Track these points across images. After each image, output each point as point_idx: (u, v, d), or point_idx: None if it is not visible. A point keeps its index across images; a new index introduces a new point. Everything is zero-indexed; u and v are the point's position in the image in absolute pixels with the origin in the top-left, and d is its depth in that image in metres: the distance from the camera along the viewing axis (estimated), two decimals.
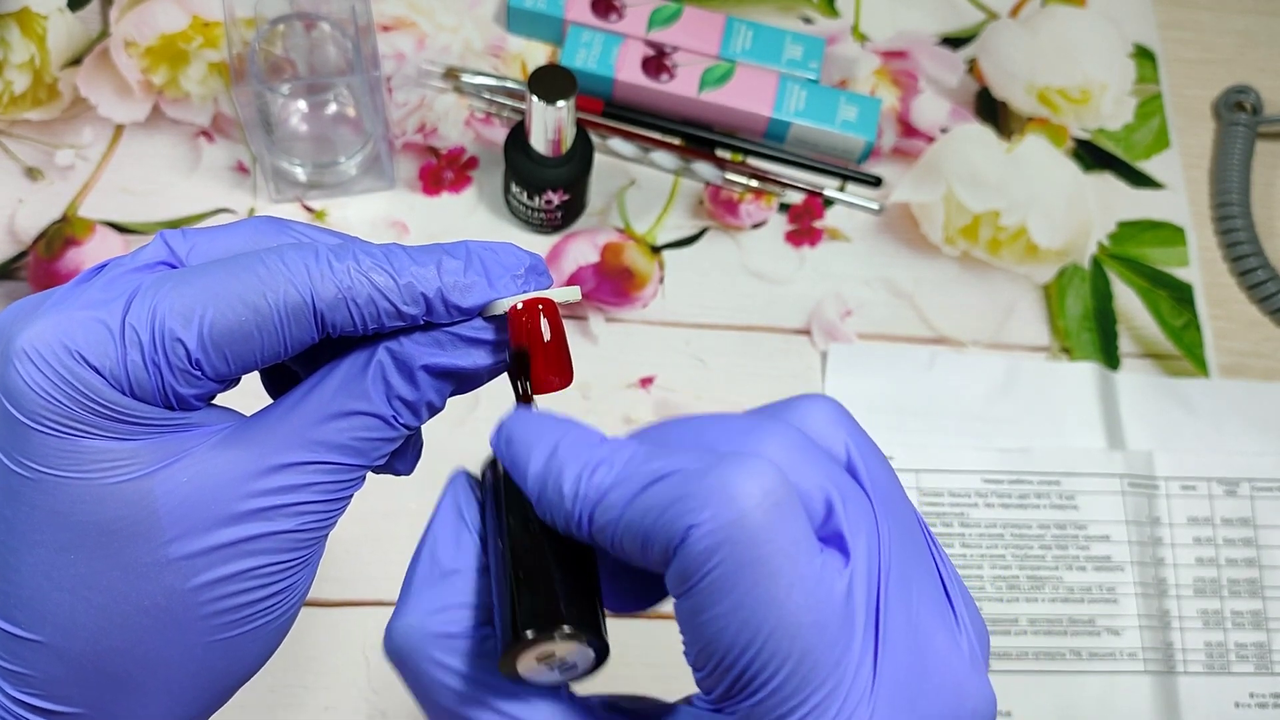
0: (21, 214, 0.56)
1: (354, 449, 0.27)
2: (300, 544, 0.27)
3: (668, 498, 0.23)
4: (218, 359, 0.25)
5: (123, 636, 0.25)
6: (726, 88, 0.60)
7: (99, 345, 0.24)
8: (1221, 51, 0.67)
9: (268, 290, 0.25)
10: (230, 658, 0.27)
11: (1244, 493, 0.55)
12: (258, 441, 0.26)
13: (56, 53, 0.60)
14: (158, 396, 0.25)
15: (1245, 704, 0.51)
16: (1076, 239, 0.61)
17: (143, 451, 0.25)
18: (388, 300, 0.26)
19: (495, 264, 0.27)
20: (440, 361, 0.27)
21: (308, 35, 0.55)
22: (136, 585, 0.25)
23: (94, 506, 0.25)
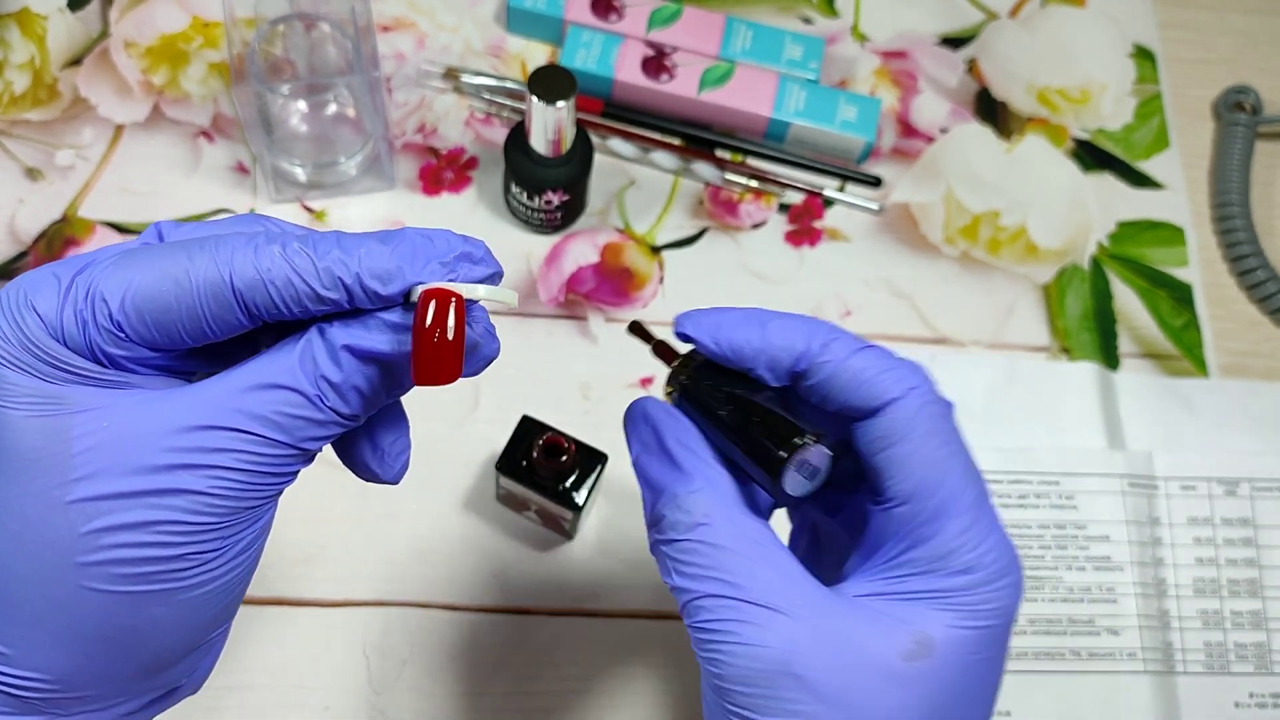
0: (22, 214, 0.56)
1: (275, 423, 0.27)
2: (211, 509, 0.27)
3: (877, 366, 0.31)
4: (138, 323, 0.27)
5: (28, 565, 0.27)
6: (726, 88, 0.60)
7: (46, 295, 0.27)
8: (1221, 51, 0.67)
9: (191, 268, 0.27)
10: (138, 616, 0.28)
11: (1244, 493, 0.55)
12: (181, 403, 0.27)
13: (56, 53, 0.60)
14: (85, 349, 0.27)
15: (1245, 704, 0.51)
16: (1076, 239, 0.61)
17: (69, 395, 0.27)
18: (305, 283, 0.27)
19: (426, 251, 0.28)
20: (360, 343, 0.28)
21: (308, 35, 0.55)
22: (44, 515, 0.27)
23: (17, 434, 0.27)
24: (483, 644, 0.49)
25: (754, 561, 0.29)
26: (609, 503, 0.52)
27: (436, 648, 0.49)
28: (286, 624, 0.49)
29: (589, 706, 0.49)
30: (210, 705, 0.47)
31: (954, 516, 0.30)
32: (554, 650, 0.50)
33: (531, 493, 0.48)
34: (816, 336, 0.31)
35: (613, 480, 0.52)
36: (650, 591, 0.51)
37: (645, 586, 0.51)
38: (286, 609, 0.49)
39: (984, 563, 0.30)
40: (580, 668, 0.49)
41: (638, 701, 0.49)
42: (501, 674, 0.49)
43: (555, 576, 0.51)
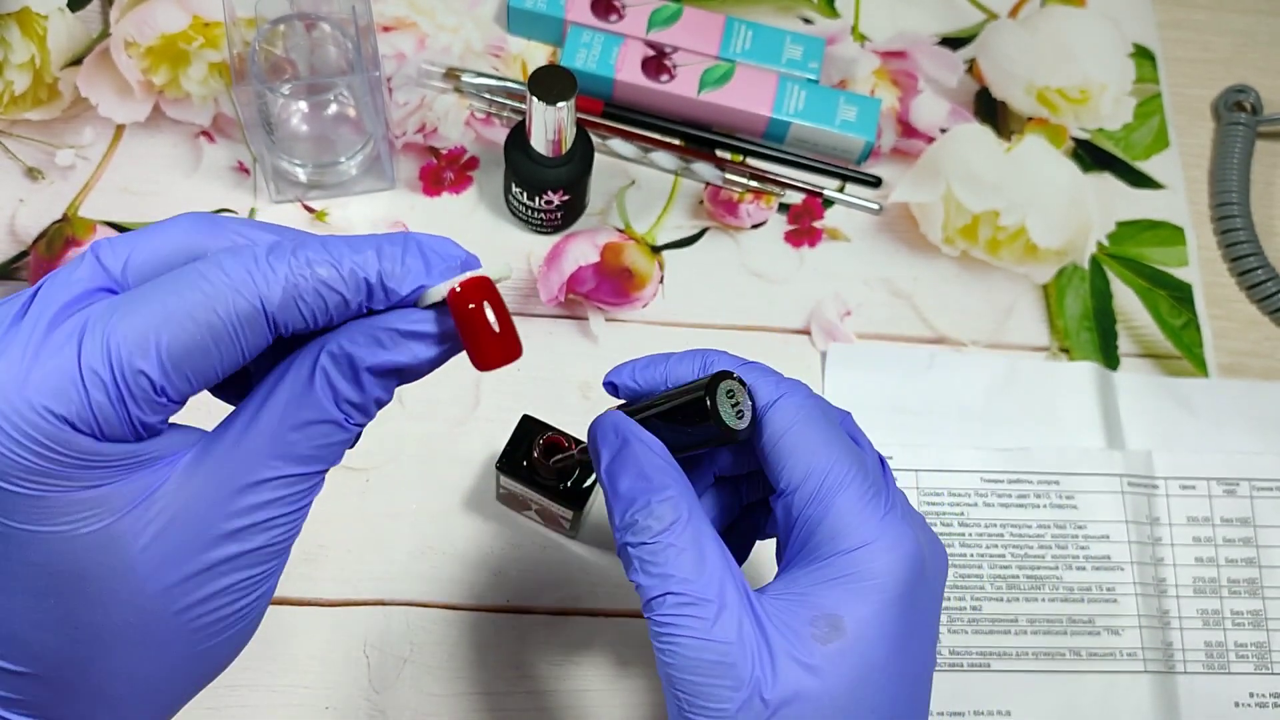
0: (22, 214, 0.56)
1: (314, 457, 0.28)
2: (269, 557, 0.28)
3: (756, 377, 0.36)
4: (180, 381, 0.25)
5: (108, 660, 0.27)
6: (726, 88, 0.60)
7: (63, 394, 0.24)
8: (1221, 51, 0.67)
9: (217, 304, 0.25)
10: (206, 663, 0.29)
11: (1243, 492, 0.55)
12: (222, 466, 0.27)
13: (57, 53, 0.60)
14: (127, 430, 0.25)
15: (1245, 704, 0.51)
16: (1076, 239, 0.61)
17: (111, 497, 0.25)
18: (335, 291, 0.27)
19: (432, 253, 0.28)
20: (383, 360, 0.28)
21: (308, 35, 0.55)
22: (116, 618, 0.26)
23: (67, 557, 0.25)
24: (483, 644, 0.49)
25: (707, 565, 0.32)
26: None
27: (436, 648, 0.49)
28: (286, 624, 0.49)
29: (589, 706, 0.49)
30: (210, 705, 0.47)
31: (839, 496, 0.33)
32: (554, 650, 0.50)
33: (532, 492, 0.48)
34: (706, 359, 0.36)
35: None
36: None
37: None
38: (286, 609, 0.49)
39: (875, 535, 0.32)
40: (580, 668, 0.49)
41: (638, 701, 0.49)
42: (501, 674, 0.49)
43: (556, 576, 0.51)
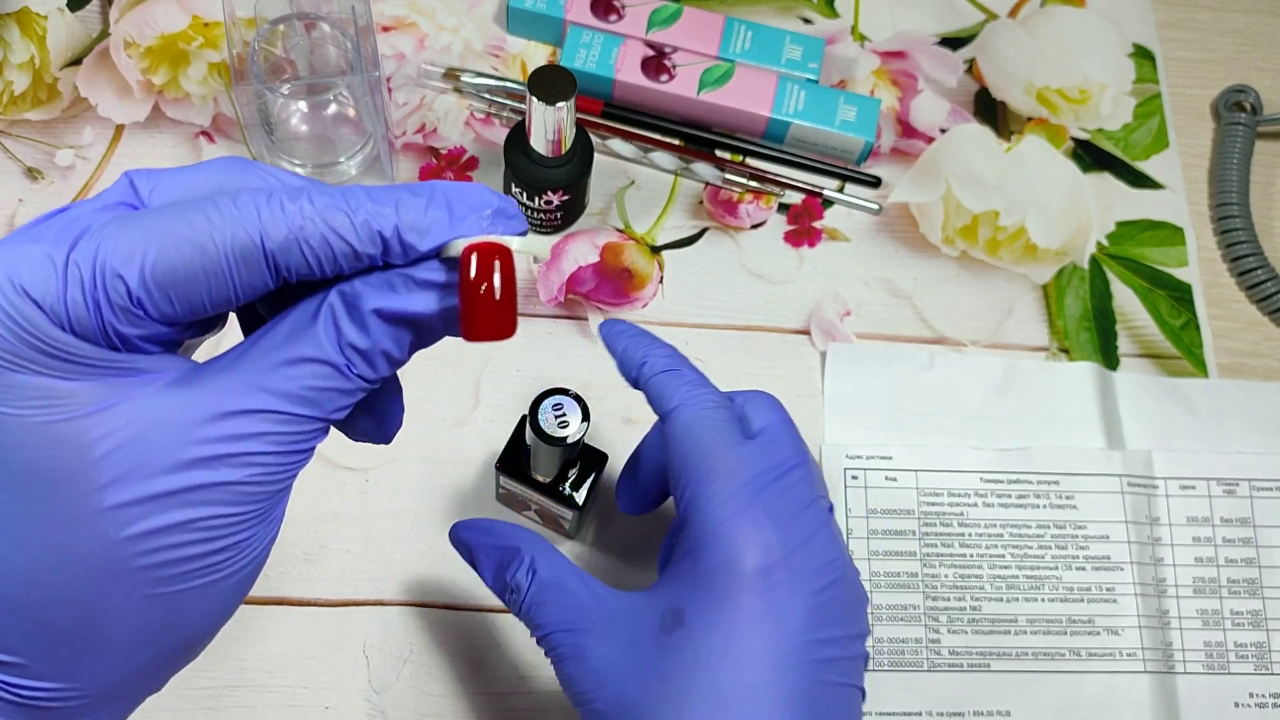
0: (22, 214, 0.56)
1: (305, 399, 0.26)
2: (249, 498, 0.26)
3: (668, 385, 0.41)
4: (160, 298, 0.24)
5: (57, 584, 0.25)
6: (726, 88, 0.60)
7: (41, 279, 0.24)
8: (1221, 51, 0.67)
9: (215, 231, 0.24)
10: (175, 613, 0.26)
11: (1243, 493, 0.55)
12: (204, 387, 0.25)
13: (56, 53, 0.60)
14: (99, 334, 0.24)
15: (1245, 704, 0.51)
16: (1075, 239, 0.61)
17: (81, 392, 0.24)
18: (343, 240, 0.25)
19: (460, 204, 0.26)
20: (391, 305, 0.26)
21: (308, 35, 0.55)
22: (71, 531, 0.24)
23: (26, 446, 0.24)
24: (483, 644, 0.49)
25: (570, 597, 0.37)
26: (609, 502, 0.52)
27: (436, 648, 0.49)
28: (286, 624, 0.49)
29: None
30: (210, 705, 0.47)
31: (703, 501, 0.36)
32: None
33: (531, 492, 0.48)
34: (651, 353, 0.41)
35: (612, 479, 0.52)
36: None
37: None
38: (287, 609, 0.49)
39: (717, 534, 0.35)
40: None
41: None
42: (501, 674, 0.49)
43: None
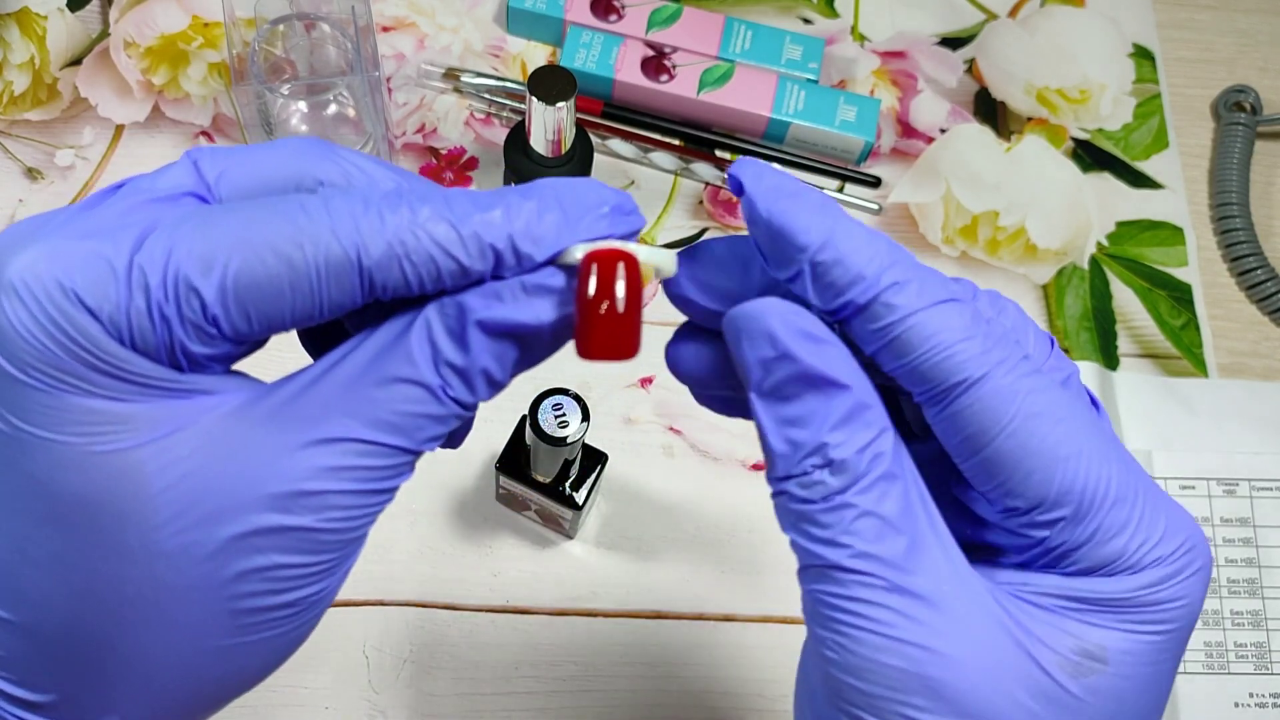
0: (21, 214, 0.56)
1: (394, 425, 0.22)
2: (322, 546, 0.22)
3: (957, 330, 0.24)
4: (238, 316, 0.21)
5: (102, 626, 0.22)
6: (726, 88, 0.60)
7: (99, 284, 0.20)
8: (1221, 51, 0.67)
9: (306, 241, 0.21)
10: (224, 665, 0.23)
11: (1243, 492, 0.55)
12: (280, 414, 0.22)
13: (56, 53, 0.60)
14: (163, 353, 0.21)
15: (1245, 704, 0.51)
16: (1075, 239, 0.61)
17: (138, 416, 0.21)
18: (450, 256, 0.22)
19: (574, 203, 0.23)
20: (496, 315, 0.22)
21: (308, 35, 0.55)
22: (121, 571, 0.21)
23: (76, 476, 0.21)
24: (483, 644, 0.49)
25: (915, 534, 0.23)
26: (609, 503, 0.52)
27: (436, 648, 0.49)
28: None
29: (589, 706, 0.49)
30: None
31: (1106, 509, 0.23)
32: (554, 650, 0.50)
33: (531, 492, 0.48)
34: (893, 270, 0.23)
35: (613, 480, 0.52)
36: (650, 591, 0.51)
37: (645, 586, 0.51)
38: None
39: (1157, 556, 0.24)
40: (580, 668, 0.49)
41: (638, 701, 0.49)
42: (502, 674, 0.49)
43: (555, 576, 0.51)
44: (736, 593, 0.51)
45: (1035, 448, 0.23)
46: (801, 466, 0.23)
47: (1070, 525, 0.24)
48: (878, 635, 0.22)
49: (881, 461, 0.23)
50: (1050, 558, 0.24)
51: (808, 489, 0.23)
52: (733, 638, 0.50)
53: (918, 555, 0.23)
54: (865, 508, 0.23)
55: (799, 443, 0.23)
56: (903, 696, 0.22)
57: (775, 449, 0.23)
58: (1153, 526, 0.24)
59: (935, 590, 0.23)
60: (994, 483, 0.24)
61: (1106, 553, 0.24)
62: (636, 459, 0.53)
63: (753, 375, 0.23)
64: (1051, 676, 0.23)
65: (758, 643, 0.50)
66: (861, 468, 0.23)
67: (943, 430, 0.24)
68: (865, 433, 0.23)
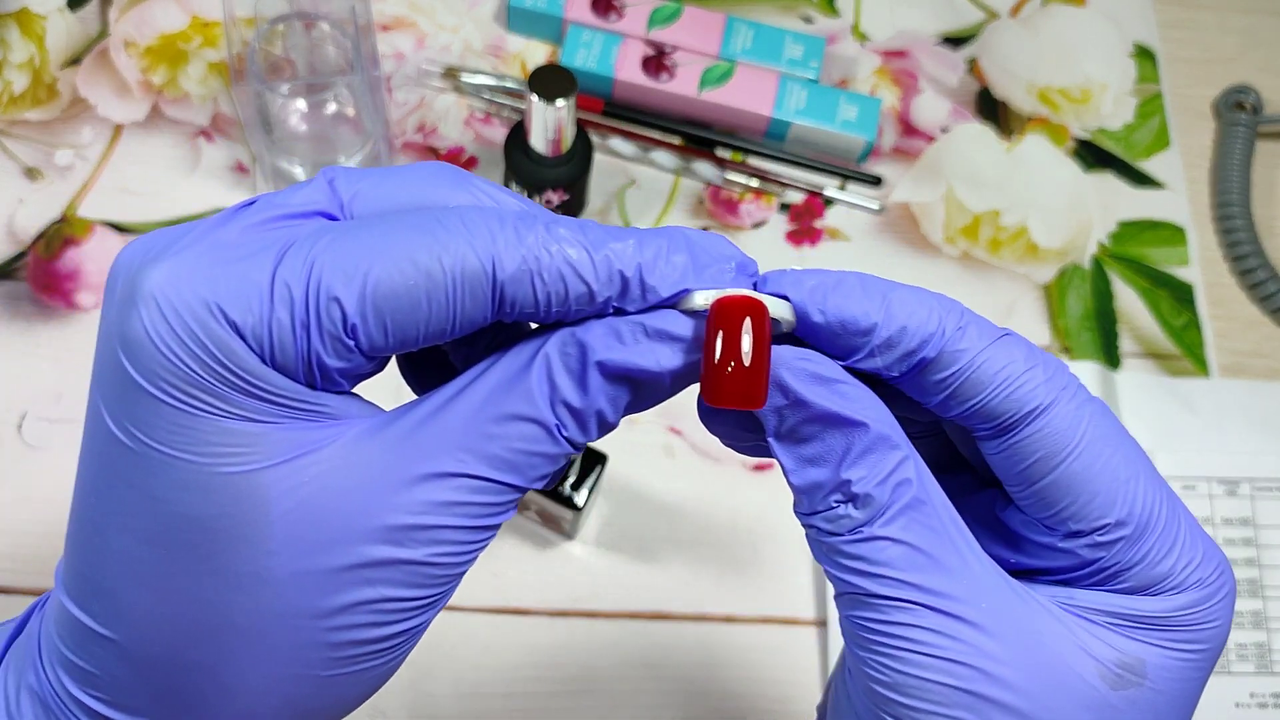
0: (21, 214, 0.56)
1: (510, 463, 0.22)
2: (429, 580, 0.22)
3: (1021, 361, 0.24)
4: (375, 327, 0.21)
5: (204, 652, 0.22)
6: (726, 87, 0.60)
7: (244, 301, 0.20)
8: (1221, 51, 0.67)
9: (444, 253, 0.21)
10: (323, 697, 0.23)
11: (1244, 492, 0.55)
12: (398, 445, 0.22)
13: (56, 53, 0.60)
14: (300, 368, 0.21)
15: (1245, 704, 0.51)
16: (1077, 239, 0.61)
17: (267, 438, 0.21)
18: (580, 278, 0.22)
19: (702, 251, 0.23)
20: (617, 358, 0.22)
21: (307, 35, 0.55)
22: (229, 598, 0.21)
23: (199, 496, 0.21)
24: (483, 644, 0.49)
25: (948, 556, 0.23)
26: (609, 503, 0.52)
27: (437, 649, 0.49)
28: None
29: (589, 706, 0.49)
30: None
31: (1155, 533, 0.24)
32: (554, 650, 0.50)
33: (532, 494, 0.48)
34: (950, 317, 0.24)
35: (613, 480, 0.52)
36: (650, 591, 0.51)
37: (645, 586, 0.51)
38: None
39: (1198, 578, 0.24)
40: (580, 668, 0.49)
41: (638, 701, 0.49)
42: (501, 674, 0.49)
43: (555, 576, 0.51)
44: (737, 593, 0.51)
45: (1099, 471, 0.24)
46: (826, 503, 0.23)
47: (1128, 546, 0.24)
48: (921, 655, 0.23)
49: (907, 489, 0.23)
50: (1100, 576, 0.25)
51: (833, 523, 0.23)
52: (733, 638, 0.50)
53: (952, 576, 0.23)
54: (893, 536, 0.23)
55: (820, 481, 0.23)
56: (950, 712, 0.23)
57: (798, 487, 0.24)
58: (1194, 549, 0.25)
59: (973, 608, 0.23)
60: (1057, 507, 0.24)
61: (1156, 574, 0.24)
62: (636, 459, 0.53)
63: (768, 423, 0.24)
64: (1093, 686, 0.23)
65: (758, 643, 0.50)
66: (885, 499, 0.23)
67: (1004, 460, 0.24)
68: (886, 463, 0.23)
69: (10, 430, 0.51)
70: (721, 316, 0.22)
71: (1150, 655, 0.24)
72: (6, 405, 0.52)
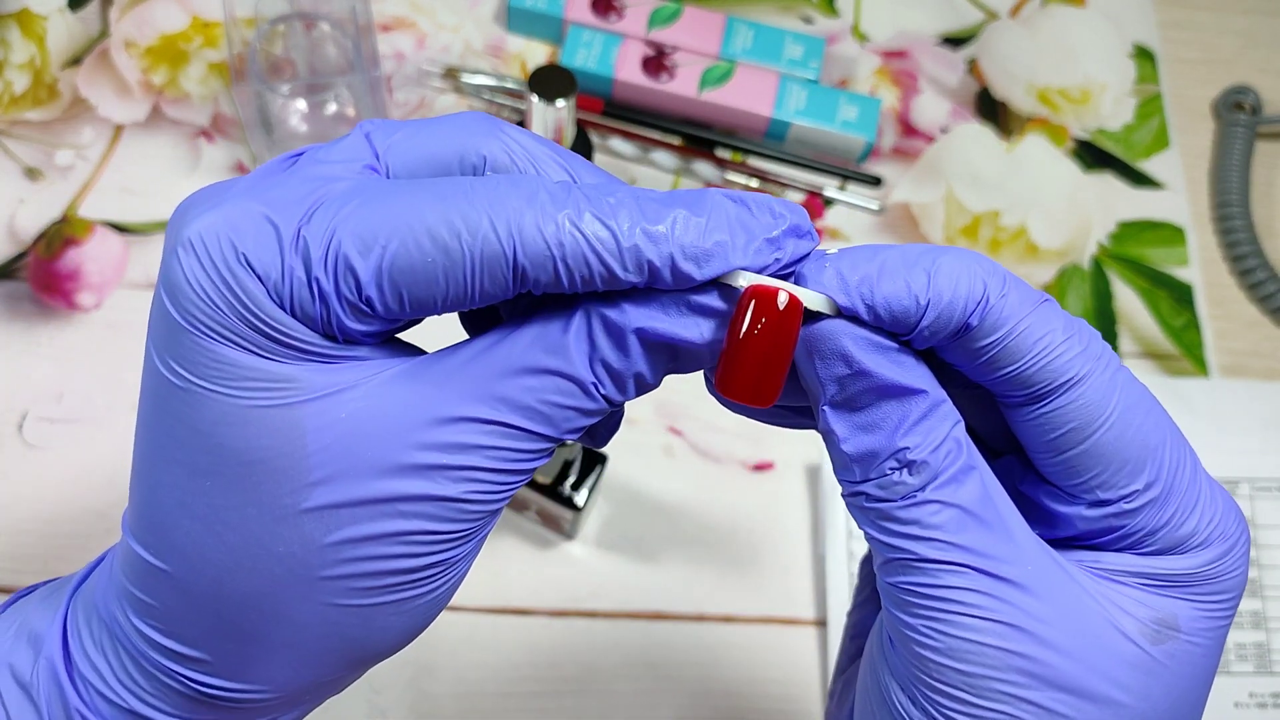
0: (21, 214, 0.56)
1: (541, 414, 0.23)
2: (461, 515, 0.23)
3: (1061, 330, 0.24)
4: (391, 298, 0.22)
5: (250, 581, 0.23)
6: (726, 87, 0.60)
7: (266, 250, 0.22)
8: (1221, 51, 0.67)
9: (465, 231, 0.21)
10: (365, 626, 0.24)
11: (1244, 493, 0.55)
12: (432, 387, 0.22)
13: (56, 53, 0.60)
14: (319, 323, 0.22)
15: (1245, 704, 0.51)
16: (1076, 239, 0.61)
17: (300, 377, 0.22)
18: (602, 263, 0.22)
19: (745, 224, 0.23)
20: (659, 328, 0.23)
21: (308, 35, 0.55)
22: (271, 528, 0.22)
23: (238, 430, 0.22)
24: (483, 644, 0.49)
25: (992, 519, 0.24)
26: (609, 503, 0.52)
27: (436, 648, 0.49)
28: None
29: (589, 706, 0.49)
30: None
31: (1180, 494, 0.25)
32: (554, 650, 0.50)
33: (531, 493, 0.48)
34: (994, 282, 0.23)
35: (613, 480, 0.52)
36: (650, 591, 0.51)
37: (645, 586, 0.51)
38: None
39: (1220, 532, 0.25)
40: (580, 668, 0.49)
41: (637, 701, 0.49)
42: (501, 674, 0.49)
43: (555, 576, 0.51)
44: (737, 593, 0.51)
45: (1131, 438, 0.24)
46: (879, 470, 0.23)
47: (1153, 510, 0.24)
48: (973, 619, 0.23)
49: (959, 454, 0.23)
50: (1128, 541, 0.25)
51: (886, 489, 0.23)
52: (733, 638, 0.50)
53: (999, 540, 0.23)
54: (946, 500, 0.23)
55: (875, 449, 0.23)
56: (1002, 675, 0.23)
57: (851, 455, 0.24)
58: (1214, 504, 0.25)
59: (1020, 571, 0.23)
60: (1085, 476, 0.24)
61: (1181, 534, 0.25)
62: (636, 459, 0.53)
63: (826, 391, 0.24)
64: (1135, 643, 0.24)
65: (758, 643, 0.50)
66: (939, 464, 0.23)
67: (1033, 428, 0.24)
68: (940, 430, 0.23)
69: (10, 430, 0.51)
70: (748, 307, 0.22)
71: (1182, 609, 0.24)
72: (7, 405, 0.52)
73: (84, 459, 0.51)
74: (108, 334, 0.54)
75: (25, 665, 0.25)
